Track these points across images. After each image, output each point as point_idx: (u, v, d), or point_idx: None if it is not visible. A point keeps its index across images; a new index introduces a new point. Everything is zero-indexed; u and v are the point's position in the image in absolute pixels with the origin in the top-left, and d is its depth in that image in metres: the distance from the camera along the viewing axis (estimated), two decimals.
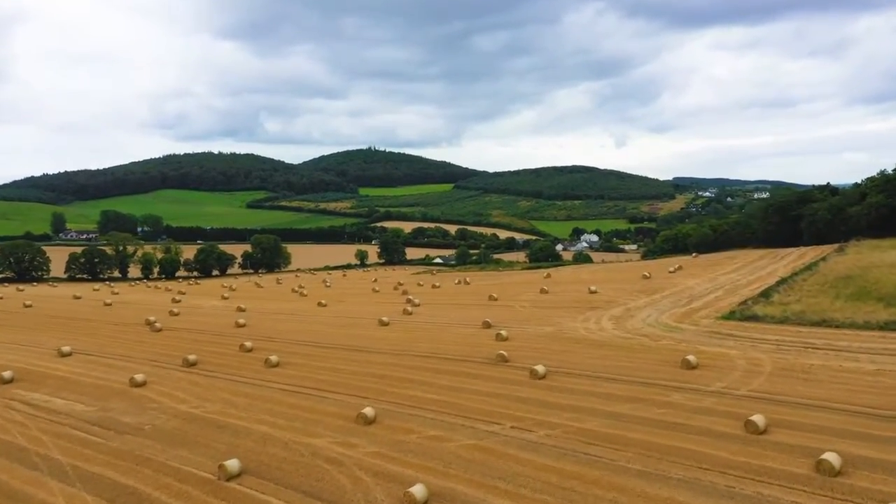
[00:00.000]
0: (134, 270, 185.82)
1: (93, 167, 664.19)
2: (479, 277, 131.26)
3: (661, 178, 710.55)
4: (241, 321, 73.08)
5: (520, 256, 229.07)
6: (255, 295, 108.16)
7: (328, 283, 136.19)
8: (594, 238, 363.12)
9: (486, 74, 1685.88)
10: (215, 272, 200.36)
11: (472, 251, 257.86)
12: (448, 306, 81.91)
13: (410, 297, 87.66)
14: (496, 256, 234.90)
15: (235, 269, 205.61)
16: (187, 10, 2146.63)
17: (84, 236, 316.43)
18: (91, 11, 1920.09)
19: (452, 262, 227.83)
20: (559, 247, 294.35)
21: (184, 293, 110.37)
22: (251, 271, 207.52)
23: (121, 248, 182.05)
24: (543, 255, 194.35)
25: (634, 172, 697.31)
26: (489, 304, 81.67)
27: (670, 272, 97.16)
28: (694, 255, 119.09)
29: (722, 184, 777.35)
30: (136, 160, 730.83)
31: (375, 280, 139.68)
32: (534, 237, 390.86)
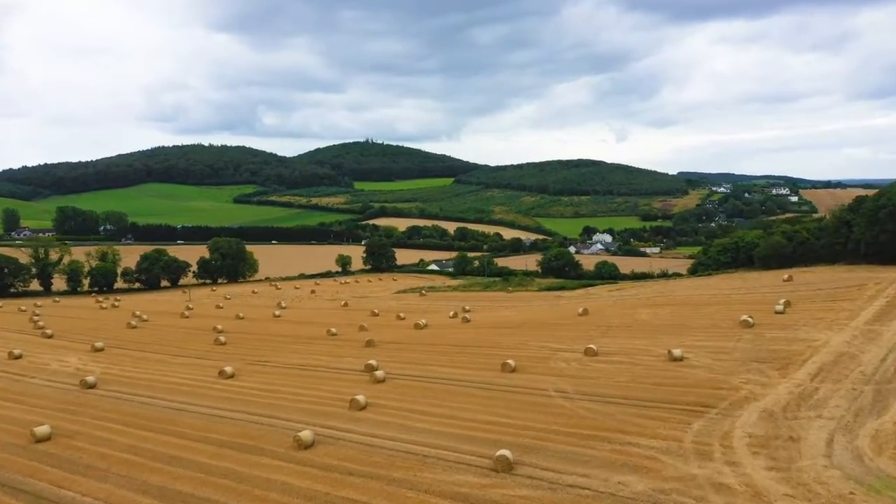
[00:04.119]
0: (59, 282, 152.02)
1: (83, 160, 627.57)
2: (483, 304, 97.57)
3: (668, 173, 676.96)
4: (44, 431, 39.28)
5: (528, 261, 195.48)
6: (156, 339, 73.87)
7: (281, 309, 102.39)
8: (608, 238, 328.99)
9: (485, 68, 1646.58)
10: (165, 282, 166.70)
11: (472, 255, 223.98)
12: (433, 385, 47.82)
13: (373, 361, 53.49)
14: (501, 262, 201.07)
15: (190, 279, 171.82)
16: (180, 1, 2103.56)
17: (39, 235, 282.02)
18: (84, 2, 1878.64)
19: (450, 270, 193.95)
20: (572, 248, 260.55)
21: (50, 336, 75.83)
22: (209, 281, 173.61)
23: (41, 254, 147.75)
24: (559, 265, 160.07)
25: (639, 167, 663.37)
26: (503, 380, 47.68)
27: (778, 312, 63.23)
28: (786, 277, 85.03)
29: (728, 179, 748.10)
30: (123, 153, 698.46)
31: (345, 304, 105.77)
32: (541, 237, 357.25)
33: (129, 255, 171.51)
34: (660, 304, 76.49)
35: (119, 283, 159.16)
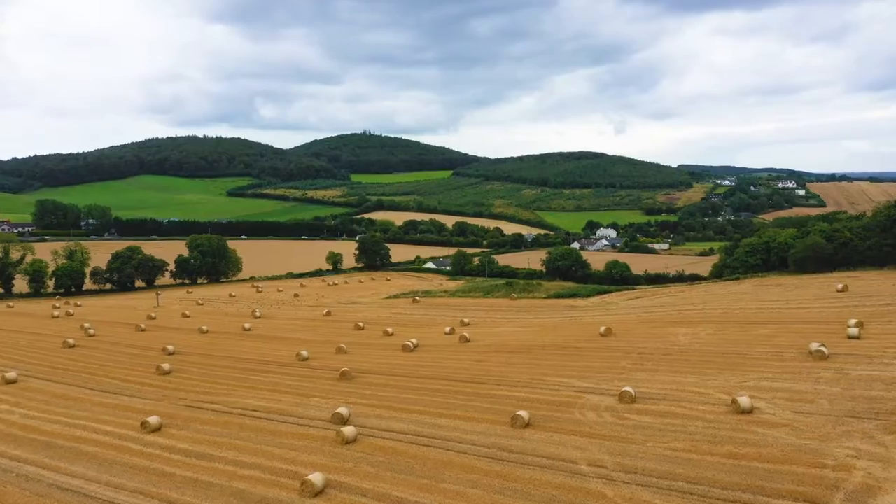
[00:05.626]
0: (21, 283, 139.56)
1: (74, 152, 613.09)
2: (484, 316, 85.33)
3: (670, 166, 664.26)
4: None
5: (531, 259, 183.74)
6: (89, 365, 61.13)
7: (255, 319, 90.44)
8: (612, 233, 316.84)
9: (484, 60, 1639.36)
10: (140, 283, 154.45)
11: (471, 251, 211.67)
12: (420, 450, 35.40)
13: (344, 409, 40.96)
14: (503, 260, 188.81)
15: (167, 279, 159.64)
16: None
17: (18, 229, 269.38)
18: None
19: (447, 269, 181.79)
20: (576, 244, 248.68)
21: None
22: (187, 281, 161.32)
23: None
24: (565, 265, 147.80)
25: (639, 159, 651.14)
26: (514, 442, 35.33)
27: (852, 337, 50.92)
28: (841, 286, 72.59)
29: (729, 171, 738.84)
30: (116, 144, 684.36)
31: (328, 313, 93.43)
32: (542, 231, 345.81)
33: (110, 252, 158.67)
34: (697, 322, 64.10)
35: (89, 284, 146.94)
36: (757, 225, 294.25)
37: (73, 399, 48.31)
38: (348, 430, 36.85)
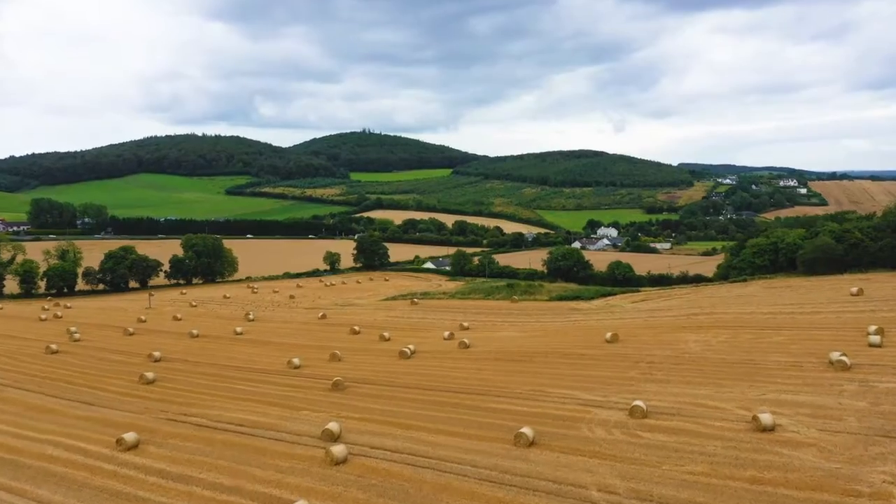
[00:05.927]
0: (12, 284, 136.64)
1: (72, 150, 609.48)
2: (484, 319, 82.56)
3: (671, 164, 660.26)
4: None
5: (532, 258, 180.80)
6: (71, 372, 57.96)
7: (248, 322, 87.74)
8: (613, 233, 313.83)
9: (483, 58, 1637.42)
10: (133, 284, 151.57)
11: (471, 251, 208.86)
12: (417, 472, 32.57)
13: (335, 425, 38.15)
14: (503, 260, 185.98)
15: (162, 279, 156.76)
16: None
17: (13, 228, 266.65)
18: None
19: (447, 269, 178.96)
20: (577, 244, 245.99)
21: None
22: (182, 282, 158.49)
23: None
24: (567, 265, 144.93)
25: (640, 157, 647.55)
26: (518, 464, 32.57)
27: (873, 345, 48.09)
28: (856, 290, 69.81)
29: (730, 170, 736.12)
30: (114, 143, 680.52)
31: (323, 316, 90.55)
32: (542, 230, 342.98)
33: (105, 252, 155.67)
34: (707, 327, 61.33)
35: (81, 285, 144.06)
36: (760, 224, 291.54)
37: (48, 411, 45.57)
38: (338, 450, 34.05)
